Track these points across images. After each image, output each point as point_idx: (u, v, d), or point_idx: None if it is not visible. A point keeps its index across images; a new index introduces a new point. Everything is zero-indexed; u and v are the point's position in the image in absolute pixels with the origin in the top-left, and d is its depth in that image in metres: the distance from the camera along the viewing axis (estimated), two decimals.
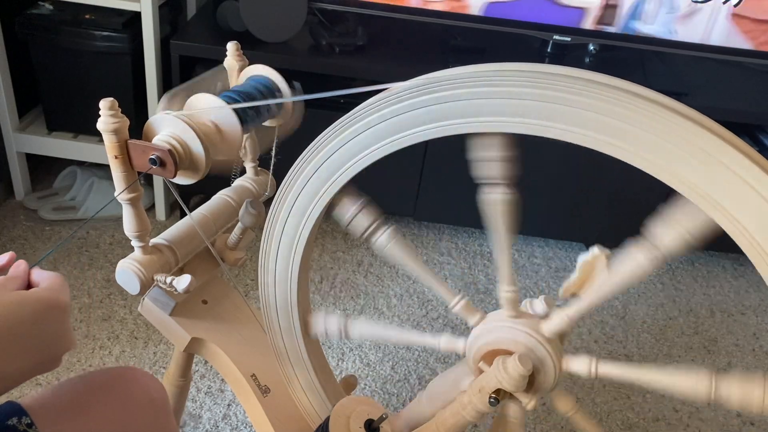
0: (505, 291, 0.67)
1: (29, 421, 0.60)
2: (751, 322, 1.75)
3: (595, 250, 0.69)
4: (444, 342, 0.72)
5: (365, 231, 0.69)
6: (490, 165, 0.60)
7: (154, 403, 0.74)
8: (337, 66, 1.61)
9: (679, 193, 0.54)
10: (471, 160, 0.61)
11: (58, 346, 0.54)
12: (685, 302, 1.79)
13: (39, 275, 0.57)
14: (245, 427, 1.28)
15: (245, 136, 0.88)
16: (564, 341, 0.70)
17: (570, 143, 0.56)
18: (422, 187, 1.75)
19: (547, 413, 1.38)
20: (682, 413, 1.44)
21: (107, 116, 0.65)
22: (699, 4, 1.57)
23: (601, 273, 0.69)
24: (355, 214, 0.68)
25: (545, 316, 0.68)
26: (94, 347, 1.41)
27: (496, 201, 0.62)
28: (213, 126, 0.71)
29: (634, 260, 0.59)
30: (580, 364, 0.66)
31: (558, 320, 0.66)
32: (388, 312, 1.62)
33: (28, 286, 0.57)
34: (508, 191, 0.62)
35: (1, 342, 0.48)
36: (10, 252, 0.59)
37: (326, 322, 0.78)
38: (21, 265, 0.57)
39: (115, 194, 0.71)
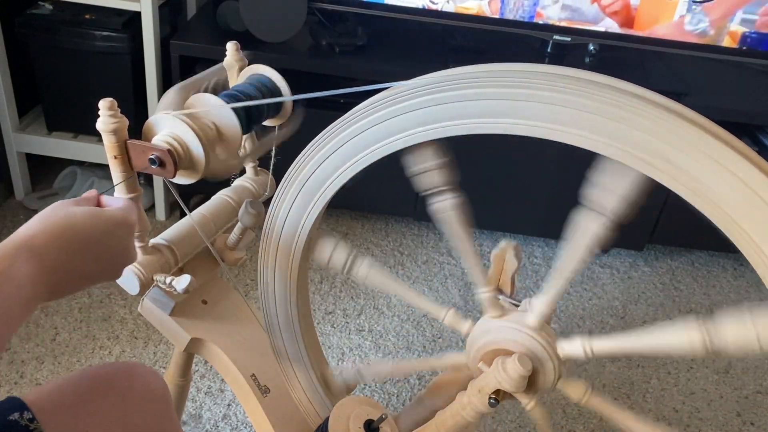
0: (482, 292, 0.67)
1: (31, 416, 0.60)
2: None
3: (502, 243, 0.75)
4: (450, 315, 0.71)
5: (430, 189, 0.66)
6: (430, 175, 0.62)
7: (156, 398, 0.74)
8: (337, 66, 1.61)
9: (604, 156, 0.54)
10: (410, 176, 0.63)
11: (122, 258, 0.60)
12: (685, 302, 1.79)
13: (109, 200, 0.64)
14: (245, 427, 1.28)
15: (245, 136, 0.88)
16: (551, 321, 0.69)
17: (569, 144, 0.56)
18: None
19: (547, 413, 1.38)
20: (682, 413, 1.44)
21: (106, 116, 0.65)
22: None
23: (511, 263, 0.74)
24: (429, 169, 0.65)
25: (546, 317, 0.68)
26: (94, 347, 1.41)
27: (446, 207, 0.64)
28: (213, 126, 0.71)
29: (687, 334, 0.57)
30: (574, 346, 0.65)
31: (578, 347, 0.64)
32: (388, 312, 1.62)
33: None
34: (455, 195, 0.63)
35: (77, 244, 0.54)
36: (93, 189, 0.65)
37: (334, 252, 0.73)
38: (93, 192, 0.64)
39: (115, 194, 0.71)
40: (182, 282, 0.73)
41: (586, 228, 0.59)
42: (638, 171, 0.54)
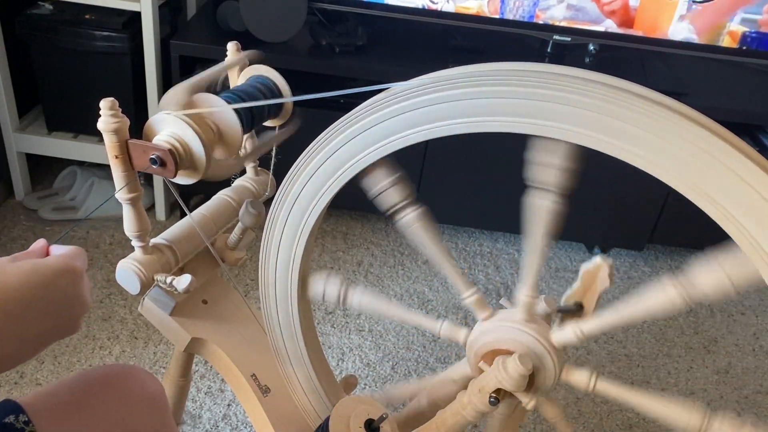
0: (525, 295, 0.67)
1: (26, 419, 0.60)
2: (751, 322, 1.75)
3: (598, 260, 0.70)
4: (445, 328, 0.71)
5: (392, 207, 0.66)
6: (548, 171, 0.59)
7: (152, 401, 0.74)
8: (337, 66, 1.61)
9: (730, 239, 0.53)
10: (529, 162, 0.60)
11: (72, 310, 0.55)
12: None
13: (56, 249, 0.59)
14: (245, 427, 1.28)
15: (245, 136, 0.88)
16: (549, 320, 0.70)
17: (570, 143, 0.56)
18: (422, 187, 1.75)
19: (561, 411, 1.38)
20: None
21: (107, 116, 0.65)
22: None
23: (603, 282, 0.69)
24: (384, 189, 0.65)
25: (546, 316, 0.68)
26: (94, 347, 1.41)
27: (411, 221, 0.64)
28: (214, 126, 0.71)
29: (665, 293, 0.58)
30: (566, 334, 0.65)
31: (569, 333, 0.65)
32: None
33: None
34: (415, 207, 0.63)
35: (17, 307, 0.50)
36: (42, 239, 0.61)
37: (326, 286, 0.75)
38: (40, 242, 0.59)
39: (115, 193, 0.71)
40: (183, 282, 0.73)
41: (667, 292, 0.58)
42: (756, 266, 0.53)
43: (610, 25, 1.62)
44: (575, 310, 0.72)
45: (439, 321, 0.72)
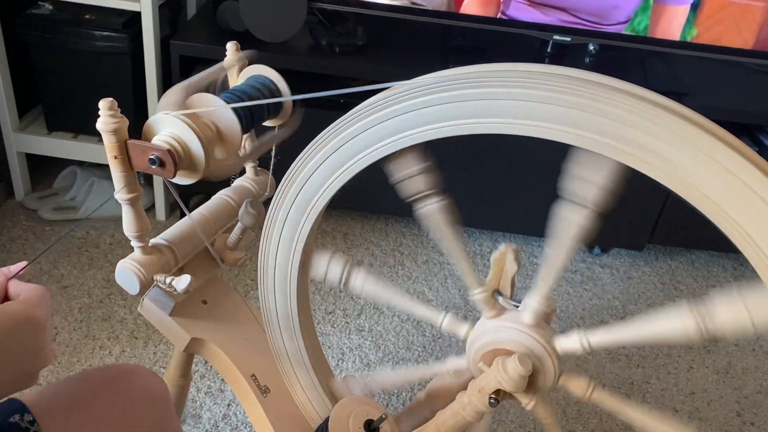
0: (476, 294, 0.67)
1: (31, 419, 0.60)
2: None
3: (502, 247, 0.74)
4: (447, 321, 0.71)
5: (416, 194, 0.65)
6: (414, 180, 0.62)
7: (156, 400, 0.74)
8: (337, 66, 1.61)
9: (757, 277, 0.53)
10: (394, 183, 0.62)
11: (32, 363, 0.51)
12: (685, 302, 1.79)
13: (18, 288, 0.53)
14: (245, 427, 1.28)
15: (245, 136, 0.88)
16: (551, 321, 0.70)
17: (569, 144, 0.56)
18: None
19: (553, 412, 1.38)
20: (682, 413, 1.44)
21: (107, 116, 0.65)
22: None
23: (512, 266, 0.73)
24: (413, 175, 0.64)
25: (546, 317, 0.68)
26: (94, 347, 1.41)
27: (433, 211, 0.63)
28: (213, 126, 0.71)
29: (681, 321, 0.57)
30: (571, 342, 0.65)
31: (575, 342, 0.65)
32: (388, 312, 1.62)
33: (6, 298, 0.54)
34: (440, 198, 0.63)
35: None
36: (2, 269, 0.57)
37: (329, 266, 0.74)
38: (1, 272, 0.54)
39: (114, 193, 0.71)
40: (182, 282, 0.73)
41: (570, 221, 0.58)
42: (614, 160, 0.53)
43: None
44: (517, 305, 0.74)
45: (441, 313, 0.72)
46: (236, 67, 0.82)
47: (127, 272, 0.75)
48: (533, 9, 1.59)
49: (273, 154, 0.87)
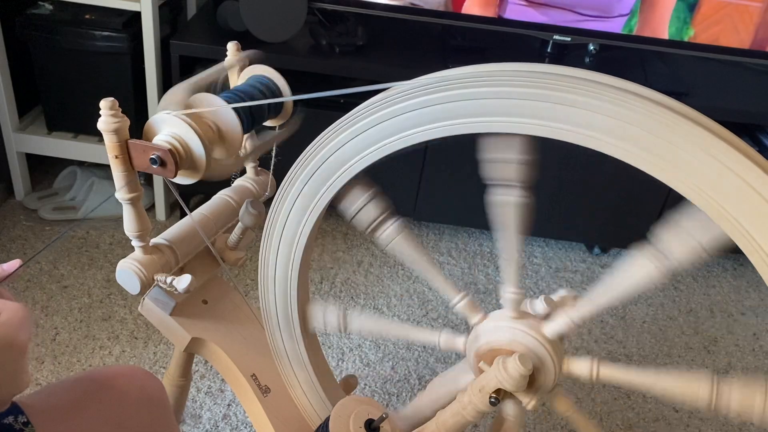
0: (509, 292, 0.67)
1: (25, 420, 0.60)
2: (751, 322, 1.75)
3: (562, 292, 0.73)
4: (444, 339, 0.72)
5: (371, 224, 0.67)
6: (506, 167, 0.59)
7: (152, 401, 0.74)
8: (337, 66, 1.61)
9: (687, 200, 0.53)
10: (483, 161, 0.60)
11: (6, 390, 0.48)
12: (685, 302, 1.79)
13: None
14: (245, 427, 1.28)
15: (245, 136, 0.88)
16: (563, 340, 0.70)
17: (570, 143, 0.56)
18: (422, 187, 1.75)
19: (547, 413, 1.38)
20: (682, 413, 1.44)
21: (108, 116, 0.65)
22: None
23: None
24: (362, 206, 0.66)
25: (546, 316, 0.68)
26: (94, 347, 1.41)
27: (509, 203, 0.61)
28: (214, 126, 0.71)
29: (642, 268, 0.58)
30: (581, 367, 0.65)
31: (560, 322, 0.65)
32: (388, 312, 1.62)
33: None
34: (524, 194, 0.61)
35: None
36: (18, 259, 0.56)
37: (325, 316, 0.76)
38: None
39: (115, 193, 0.71)
40: (183, 282, 0.73)
41: (643, 266, 0.58)
42: (520, 135, 0.55)
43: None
44: None
45: (436, 332, 0.72)
46: (237, 67, 0.82)
47: (127, 272, 0.75)
48: (531, 9, 1.59)
49: (273, 154, 0.87)
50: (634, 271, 0.59)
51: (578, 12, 1.60)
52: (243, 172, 0.94)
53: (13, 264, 0.54)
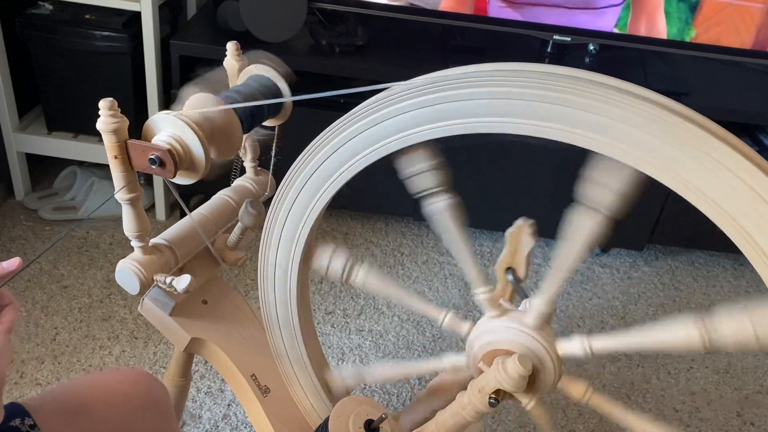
0: (480, 293, 0.67)
1: (32, 422, 0.60)
2: None
3: (519, 222, 0.74)
4: (448, 319, 0.71)
5: (424, 191, 0.65)
6: (423, 177, 0.62)
7: (156, 405, 0.74)
8: (337, 66, 1.61)
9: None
10: (403, 179, 0.62)
11: None
12: (685, 302, 1.79)
13: None
14: (245, 427, 1.28)
15: (245, 136, 0.88)
16: (551, 321, 0.69)
17: (570, 144, 0.56)
18: None
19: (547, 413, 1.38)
20: (682, 413, 1.44)
21: (107, 116, 0.65)
22: None
23: (527, 243, 0.74)
24: (422, 171, 0.64)
25: (546, 317, 0.68)
26: (94, 347, 1.41)
27: (442, 208, 0.63)
28: (213, 126, 0.71)
29: (686, 332, 0.57)
30: (574, 346, 0.65)
31: (577, 346, 0.65)
32: (388, 312, 1.62)
33: None
34: (449, 196, 0.63)
35: None
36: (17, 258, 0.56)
37: (332, 260, 0.73)
38: None
39: (114, 193, 0.71)
40: (182, 282, 0.73)
41: (583, 225, 0.58)
42: (632, 167, 0.53)
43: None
44: (518, 282, 0.74)
45: (443, 311, 0.71)
46: (236, 67, 0.82)
47: (127, 272, 0.75)
48: (510, 9, 1.59)
49: (273, 154, 0.87)
50: (676, 331, 0.58)
51: (565, 6, 1.59)
52: (242, 171, 0.94)
53: (13, 262, 0.55)
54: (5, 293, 0.54)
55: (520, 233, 0.74)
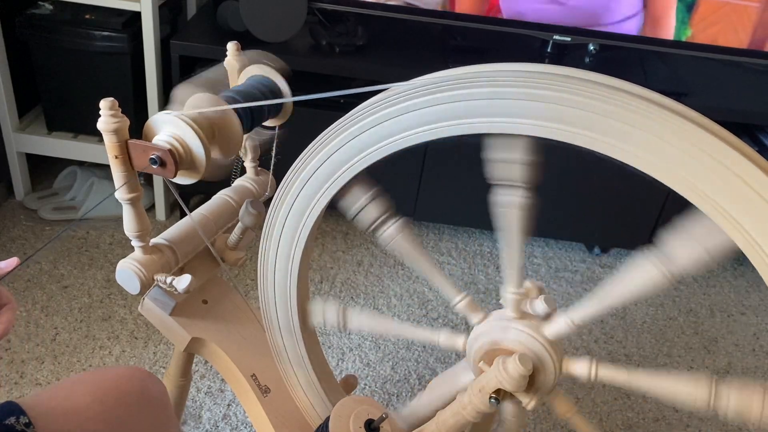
0: (510, 293, 0.67)
1: (27, 421, 0.60)
2: (751, 322, 1.75)
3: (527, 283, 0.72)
4: (443, 338, 0.72)
5: (372, 223, 0.67)
6: (511, 167, 0.59)
7: (155, 403, 0.74)
8: (337, 66, 1.61)
9: (695, 207, 0.53)
10: (488, 160, 0.59)
11: None
12: (685, 302, 1.79)
13: None
14: (245, 427, 1.28)
15: (245, 136, 0.88)
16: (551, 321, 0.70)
17: (570, 144, 0.56)
18: (422, 187, 1.75)
19: (547, 413, 1.38)
20: (682, 413, 1.44)
21: (107, 116, 0.65)
22: None
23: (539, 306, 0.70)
24: (363, 206, 0.67)
25: (546, 317, 0.68)
26: (94, 347, 1.41)
27: (512, 204, 0.61)
28: (213, 126, 0.71)
29: (646, 272, 0.58)
30: (580, 367, 0.65)
31: (561, 324, 0.65)
32: (388, 312, 1.62)
33: None
34: (527, 195, 0.61)
35: None
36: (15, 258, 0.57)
37: (325, 313, 0.77)
38: None
39: (114, 192, 0.71)
40: (183, 282, 0.73)
41: (647, 271, 0.58)
42: (524, 136, 0.55)
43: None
44: None
45: (437, 332, 0.72)
46: (237, 67, 0.82)
47: (127, 272, 0.75)
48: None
49: (273, 154, 0.87)
50: (638, 276, 0.59)
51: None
52: (243, 171, 0.94)
53: (11, 262, 0.55)
54: (3, 293, 0.55)
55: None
